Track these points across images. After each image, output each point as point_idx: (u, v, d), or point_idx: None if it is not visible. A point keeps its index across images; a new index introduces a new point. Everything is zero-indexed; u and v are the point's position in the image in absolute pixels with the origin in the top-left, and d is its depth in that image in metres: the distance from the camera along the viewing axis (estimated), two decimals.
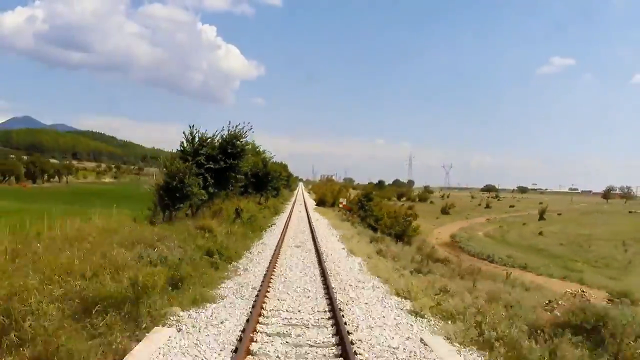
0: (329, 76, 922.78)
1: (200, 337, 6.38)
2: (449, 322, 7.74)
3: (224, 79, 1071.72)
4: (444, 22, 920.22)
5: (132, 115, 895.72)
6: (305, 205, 43.63)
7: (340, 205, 37.45)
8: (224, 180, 21.43)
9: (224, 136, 21.46)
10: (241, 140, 21.42)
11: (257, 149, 31.05)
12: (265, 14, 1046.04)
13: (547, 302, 9.44)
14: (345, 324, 7.04)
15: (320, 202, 51.26)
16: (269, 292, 9.13)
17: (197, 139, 20.56)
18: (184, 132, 20.55)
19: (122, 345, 5.62)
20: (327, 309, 8.06)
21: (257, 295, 8.60)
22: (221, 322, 7.09)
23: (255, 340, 6.35)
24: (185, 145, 20.28)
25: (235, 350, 5.80)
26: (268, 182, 34.64)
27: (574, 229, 58.56)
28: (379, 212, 30.67)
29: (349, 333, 6.63)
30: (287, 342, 6.32)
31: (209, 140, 20.99)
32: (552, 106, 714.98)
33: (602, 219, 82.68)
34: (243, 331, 6.50)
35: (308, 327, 7.03)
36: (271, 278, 10.41)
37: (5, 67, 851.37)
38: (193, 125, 20.69)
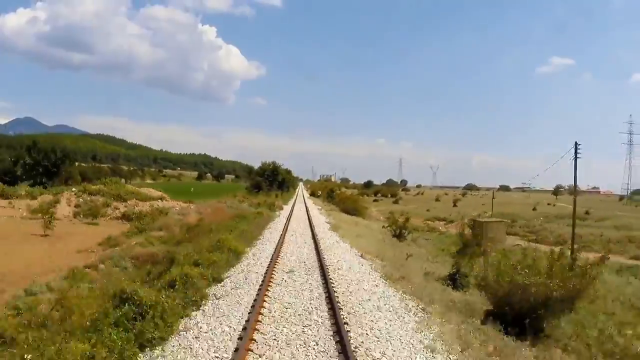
0: (329, 76, 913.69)
1: (287, 205, 43.20)
2: (324, 208, 44.78)
3: (224, 79, 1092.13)
4: (443, 22, 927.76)
5: (133, 115, 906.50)
6: (303, 196, 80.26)
7: (318, 194, 74.46)
8: (271, 183, 58.66)
9: (272, 165, 58.84)
10: (279, 168, 58.87)
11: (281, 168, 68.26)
12: (265, 15, 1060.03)
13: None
14: (308, 208, 43.93)
15: (312, 194, 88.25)
16: (294, 205, 45.87)
17: (261, 167, 58.10)
18: (259, 166, 57.99)
19: (279, 207, 42.47)
20: (306, 208, 44.85)
21: (293, 204, 45.44)
22: (288, 204, 44.01)
23: (295, 204, 43.18)
24: (259, 169, 57.65)
25: (294, 204, 42.56)
26: (284, 183, 71.44)
27: (458, 210, 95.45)
28: (337, 197, 67.26)
29: (307, 204, 43.52)
30: (298, 209, 43.08)
31: (267, 166, 58.38)
32: (552, 106, 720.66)
33: (512, 206, 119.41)
34: (294, 203, 43.37)
35: (302, 208, 43.90)
36: (294, 205, 47.11)
37: (8, 68, 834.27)
38: (262, 162, 58.26)
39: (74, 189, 32.05)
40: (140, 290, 7.44)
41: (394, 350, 6.78)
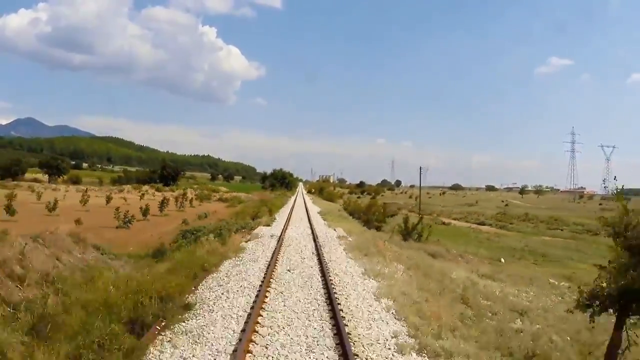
0: (329, 76, 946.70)
1: (293, 196, 77.28)
2: (314, 198, 79.11)
3: (225, 79, 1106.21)
4: (443, 22, 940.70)
5: (133, 116, 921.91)
6: (302, 193, 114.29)
7: (312, 191, 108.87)
8: (280, 183, 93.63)
9: (281, 171, 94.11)
10: (286, 173, 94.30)
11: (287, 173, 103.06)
12: (265, 16, 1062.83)
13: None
14: (304, 196, 78.01)
15: (309, 192, 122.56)
16: (297, 194, 79.89)
17: (274, 172, 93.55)
18: (272, 171, 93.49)
19: (289, 196, 76.55)
20: (304, 198, 78.94)
21: (296, 193, 79.55)
22: (294, 194, 78.17)
23: (297, 196, 77.27)
24: (272, 174, 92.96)
25: (297, 196, 76.79)
26: (288, 184, 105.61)
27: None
28: (325, 193, 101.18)
29: (304, 197, 77.69)
30: (300, 198, 77.09)
31: (278, 172, 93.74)
32: (551, 106, 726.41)
33: (457, 200, 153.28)
34: (296, 196, 77.59)
35: (301, 198, 78.07)
36: (297, 197, 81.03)
37: (9, 69, 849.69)
38: (274, 169, 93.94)
39: (179, 187, 65.21)
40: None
41: (317, 221, 40.96)
